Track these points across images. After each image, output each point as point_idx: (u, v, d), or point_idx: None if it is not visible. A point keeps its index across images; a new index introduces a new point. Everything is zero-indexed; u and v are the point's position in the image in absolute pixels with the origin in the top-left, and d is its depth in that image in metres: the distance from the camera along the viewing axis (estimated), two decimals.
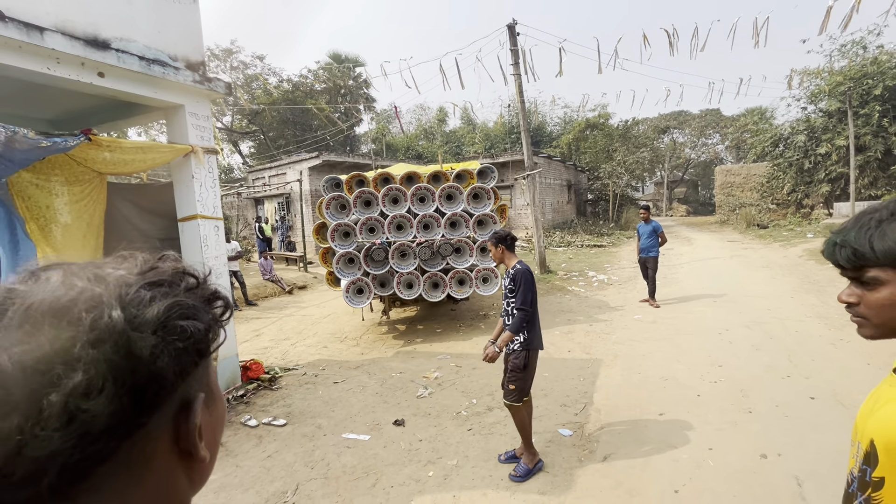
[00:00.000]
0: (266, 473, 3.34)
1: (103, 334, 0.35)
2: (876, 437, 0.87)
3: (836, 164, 19.69)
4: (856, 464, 0.94)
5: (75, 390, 0.33)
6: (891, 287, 0.84)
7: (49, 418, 0.32)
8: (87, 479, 0.35)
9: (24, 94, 4.14)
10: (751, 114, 33.54)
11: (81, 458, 0.34)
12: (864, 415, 0.98)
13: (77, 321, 0.35)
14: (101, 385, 0.34)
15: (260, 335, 7.42)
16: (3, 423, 0.31)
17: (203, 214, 4.64)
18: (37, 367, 0.33)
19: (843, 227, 0.90)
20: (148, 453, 0.40)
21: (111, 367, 0.35)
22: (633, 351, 5.50)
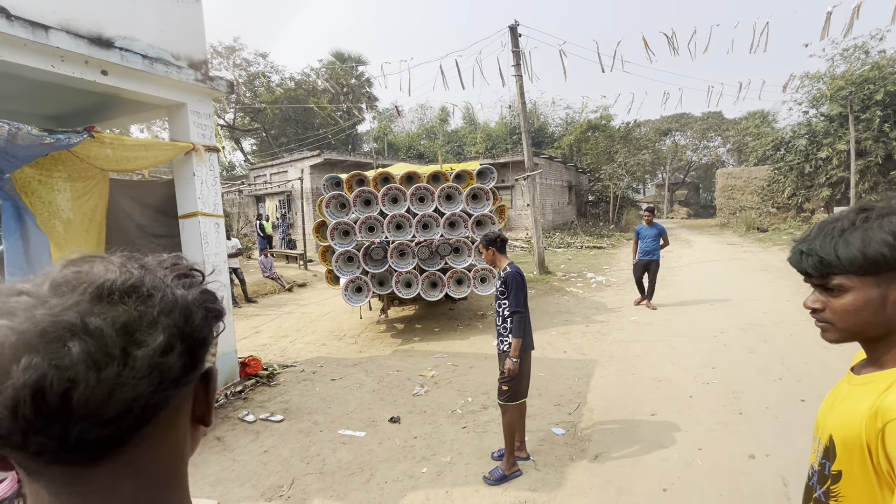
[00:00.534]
0: (263, 468, 3.39)
1: (172, 307, 0.44)
2: (834, 432, 0.91)
3: (836, 168, 19.71)
4: (816, 458, 0.99)
5: (157, 348, 0.41)
6: (854, 293, 0.86)
7: (138, 369, 0.40)
8: (146, 426, 0.43)
9: (28, 91, 4.20)
10: (752, 117, 33.56)
11: (155, 403, 0.42)
12: (824, 412, 1.02)
13: (148, 297, 0.43)
14: (174, 344, 0.43)
15: (259, 332, 7.47)
16: (103, 372, 0.38)
17: (204, 212, 4.69)
18: (127, 330, 0.41)
19: (807, 236, 0.93)
20: (179, 412, 0.48)
21: (180, 332, 0.44)
22: (629, 352, 5.55)
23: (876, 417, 0.80)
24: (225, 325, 0.54)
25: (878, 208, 0.87)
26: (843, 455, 0.89)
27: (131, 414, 0.40)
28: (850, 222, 0.88)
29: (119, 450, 0.42)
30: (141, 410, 0.41)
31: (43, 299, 0.40)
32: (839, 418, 0.91)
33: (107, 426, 0.39)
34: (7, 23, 3.12)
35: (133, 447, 0.43)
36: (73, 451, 0.39)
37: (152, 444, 0.45)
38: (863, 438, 0.83)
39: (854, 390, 0.93)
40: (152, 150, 4.35)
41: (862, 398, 0.88)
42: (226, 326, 0.55)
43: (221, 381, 4.74)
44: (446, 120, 34.78)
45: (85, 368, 0.38)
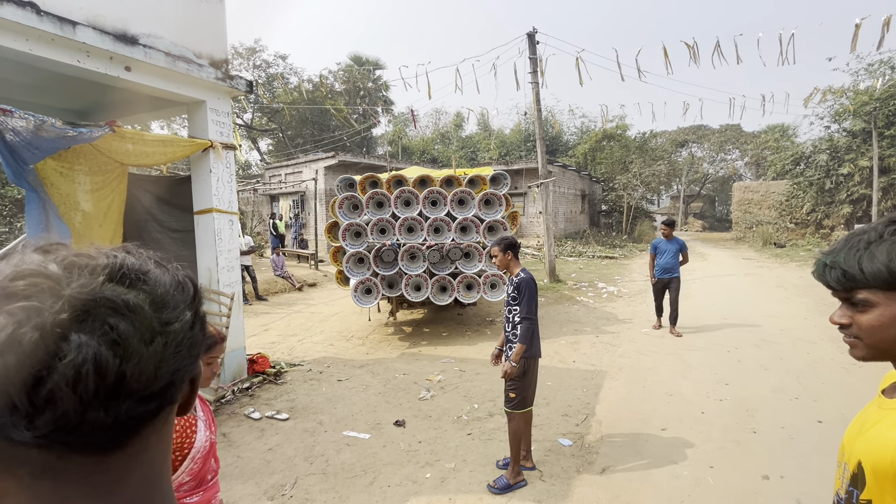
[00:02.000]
0: (266, 466, 3.38)
1: (179, 285, 0.47)
2: (864, 459, 0.87)
3: (858, 185, 19.29)
4: (842, 485, 0.94)
5: (188, 321, 0.44)
6: (881, 309, 0.83)
7: (178, 341, 0.43)
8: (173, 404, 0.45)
9: (53, 84, 4.30)
10: (772, 131, 33.07)
11: (187, 376, 0.45)
12: (851, 436, 0.97)
13: (181, 284, 0.47)
14: (195, 319, 0.46)
15: (268, 330, 7.52)
16: (150, 346, 0.40)
17: (218, 208, 4.74)
18: (159, 306, 0.42)
19: (832, 248, 0.90)
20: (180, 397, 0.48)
21: (195, 307, 0.47)
22: (639, 364, 5.45)
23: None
24: None
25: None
26: (873, 484, 0.84)
27: (174, 387, 0.42)
28: (877, 234, 0.84)
29: (140, 434, 0.42)
30: (181, 382, 0.43)
31: (61, 280, 0.39)
32: (869, 444, 0.87)
33: (153, 399, 0.41)
34: (37, 18, 3.20)
35: (148, 432, 0.43)
36: (113, 431, 0.39)
37: (160, 426, 0.45)
38: (895, 468, 0.79)
39: (886, 415, 0.89)
40: (171, 146, 4.42)
41: (894, 424, 0.84)
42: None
43: (229, 377, 4.77)
44: (461, 125, 34.88)
45: (137, 342, 0.39)
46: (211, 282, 4.76)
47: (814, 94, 13.28)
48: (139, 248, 0.50)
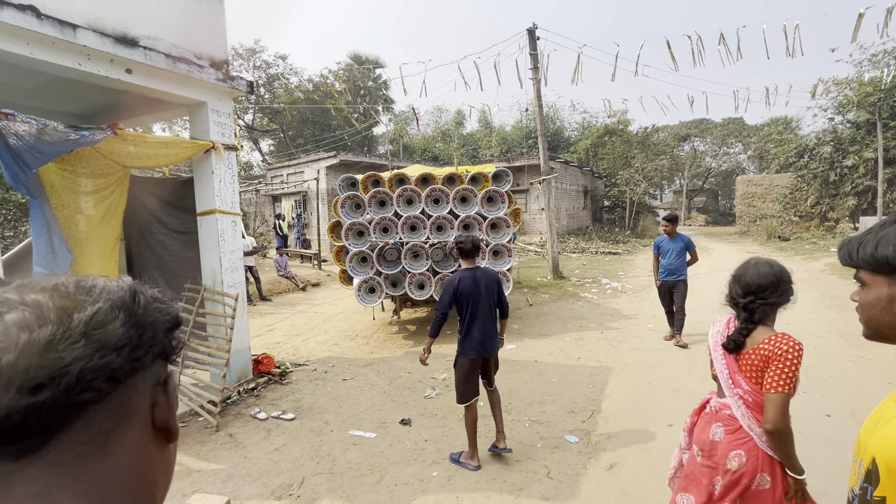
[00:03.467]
0: (273, 466, 3.39)
1: (115, 288, 0.46)
2: (878, 454, 0.86)
3: (863, 176, 19.16)
4: (857, 481, 0.93)
5: (95, 311, 0.43)
6: (869, 289, 0.91)
7: (73, 329, 0.40)
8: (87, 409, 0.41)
9: (54, 88, 4.30)
10: (775, 123, 32.87)
11: (94, 368, 0.40)
12: (867, 431, 0.96)
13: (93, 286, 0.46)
14: (116, 313, 0.44)
15: (272, 330, 7.53)
16: (34, 333, 0.39)
17: (221, 209, 4.74)
18: (66, 300, 0.42)
19: (865, 232, 0.96)
20: (133, 412, 0.45)
21: (122, 304, 0.45)
22: (645, 360, 5.43)
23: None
24: (182, 338, 0.53)
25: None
26: (886, 480, 0.83)
27: (67, 377, 0.38)
28: (892, 220, 0.91)
29: (57, 440, 0.39)
30: (78, 373, 0.39)
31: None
32: (883, 440, 0.86)
33: (39, 391, 0.37)
34: (37, 21, 3.20)
35: (74, 441, 0.40)
36: (9, 431, 0.37)
37: (100, 445, 0.42)
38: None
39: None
40: (173, 147, 4.42)
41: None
42: (182, 342, 0.53)
43: (235, 377, 4.78)
44: (462, 123, 34.81)
45: (17, 330, 0.39)
46: (215, 283, 4.77)
47: (819, 85, 13.17)
48: None
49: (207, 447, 3.68)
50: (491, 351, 3.36)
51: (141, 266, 5.63)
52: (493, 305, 3.39)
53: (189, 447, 3.69)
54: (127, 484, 0.44)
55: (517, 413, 4.13)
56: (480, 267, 3.46)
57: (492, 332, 3.37)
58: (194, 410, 4.21)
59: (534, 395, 4.47)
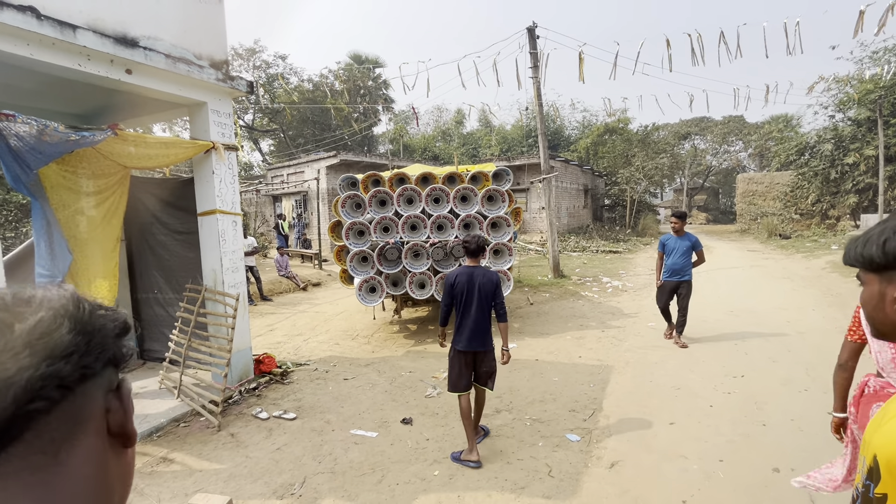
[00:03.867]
0: (275, 465, 3.39)
1: (57, 297, 0.46)
2: (879, 452, 0.86)
3: (864, 174, 19.13)
4: (860, 479, 0.93)
5: (38, 321, 0.42)
6: (866, 287, 0.94)
7: (16, 339, 0.40)
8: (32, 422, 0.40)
9: (54, 89, 4.31)
10: (776, 121, 32.83)
11: (43, 377, 0.40)
12: (871, 429, 0.96)
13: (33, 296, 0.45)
14: (60, 322, 0.43)
15: (273, 330, 7.54)
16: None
17: (222, 210, 4.75)
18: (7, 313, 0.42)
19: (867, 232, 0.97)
20: (87, 419, 0.45)
21: (66, 312, 0.44)
22: (645, 359, 5.43)
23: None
24: (132, 345, 0.53)
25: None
26: (887, 477, 0.84)
27: (14, 388, 0.38)
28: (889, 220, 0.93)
29: (8, 452, 0.39)
30: (25, 383, 0.39)
31: None
32: (883, 438, 0.86)
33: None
34: (37, 22, 3.20)
35: (26, 452, 0.40)
36: None
37: (52, 454, 0.42)
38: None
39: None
40: (173, 148, 4.42)
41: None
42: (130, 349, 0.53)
43: (236, 377, 4.78)
44: (462, 122, 34.79)
45: None
46: (216, 283, 4.77)
47: (819, 81, 13.14)
48: None
49: (209, 447, 3.68)
50: (477, 347, 3.41)
51: (142, 266, 5.64)
52: (487, 305, 3.44)
53: (191, 447, 3.69)
54: (82, 492, 0.43)
55: (518, 412, 4.14)
56: (480, 266, 3.53)
57: (482, 329, 3.43)
58: (196, 410, 4.22)
59: (535, 394, 4.48)
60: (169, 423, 4.10)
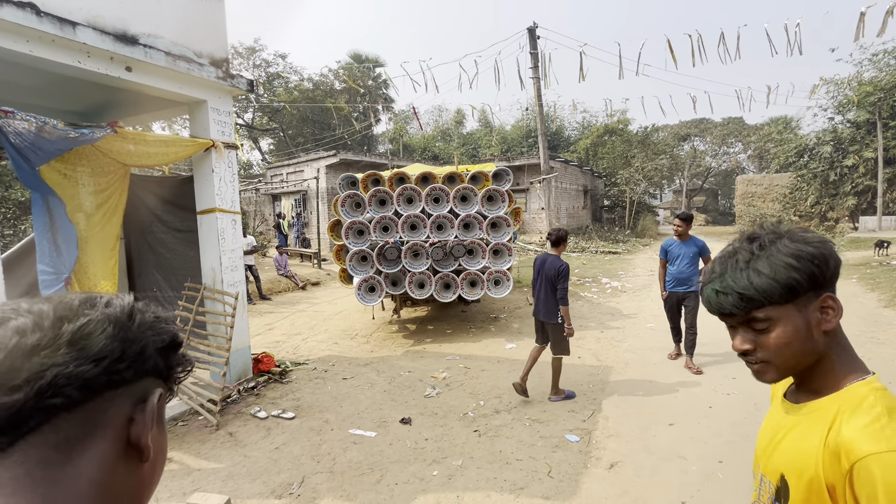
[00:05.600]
0: (273, 465, 3.38)
1: (115, 303, 0.49)
2: (786, 471, 0.84)
3: (863, 176, 19.17)
4: (766, 498, 0.91)
5: (85, 323, 0.45)
6: (783, 323, 0.81)
7: (60, 337, 0.43)
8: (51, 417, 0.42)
9: (54, 86, 4.29)
10: (775, 123, 32.87)
11: (71, 376, 0.42)
12: (764, 446, 0.95)
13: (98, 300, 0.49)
14: (105, 326, 0.45)
15: (272, 329, 7.53)
16: (25, 338, 0.42)
17: (221, 208, 4.74)
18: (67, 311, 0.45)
19: (712, 276, 0.87)
20: (103, 421, 0.45)
21: (114, 319, 0.47)
22: (645, 360, 5.43)
23: (839, 457, 0.74)
24: (186, 359, 0.55)
25: (764, 235, 0.85)
26: (797, 495, 0.81)
27: (42, 381, 0.40)
28: (749, 253, 0.84)
29: (25, 442, 0.41)
30: (51, 379, 0.41)
31: None
32: (788, 455, 0.85)
33: (14, 392, 0.40)
34: (37, 19, 3.18)
35: (41, 445, 0.41)
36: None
37: (65, 452, 0.42)
38: (821, 478, 0.77)
39: (798, 421, 0.86)
40: (173, 146, 4.41)
41: (809, 431, 0.82)
42: (191, 364, 0.56)
43: (235, 376, 4.77)
44: (462, 122, 34.79)
45: (11, 334, 0.42)
46: (215, 282, 4.76)
47: (820, 84, 13.17)
48: None
49: (207, 446, 3.67)
50: (542, 317, 4.34)
51: (141, 265, 5.62)
52: (550, 286, 4.22)
53: (189, 446, 3.68)
54: (86, 496, 0.43)
55: (517, 412, 4.13)
56: (552, 255, 4.31)
57: (546, 302, 4.27)
58: (194, 409, 4.21)
59: (534, 394, 4.47)
60: (167, 421, 4.09)
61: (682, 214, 5.20)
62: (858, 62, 19.92)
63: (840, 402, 0.81)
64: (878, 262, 11.50)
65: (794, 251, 0.81)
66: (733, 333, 0.87)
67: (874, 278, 9.66)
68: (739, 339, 0.86)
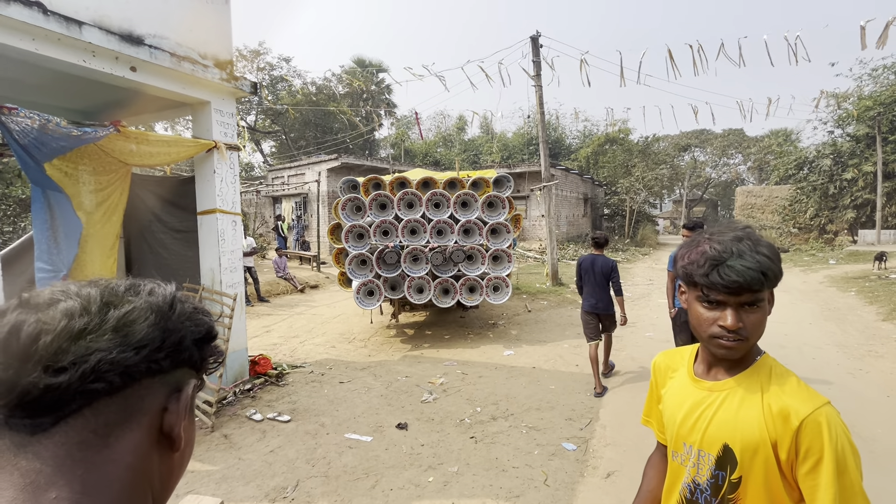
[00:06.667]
0: (268, 468, 3.36)
1: (158, 291, 0.50)
2: (729, 440, 0.95)
3: (862, 190, 19.25)
4: (705, 471, 1.00)
5: (130, 310, 0.45)
6: (764, 307, 0.95)
7: (106, 323, 0.44)
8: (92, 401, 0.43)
9: (58, 84, 4.31)
10: (775, 135, 33.03)
11: (112, 362, 0.43)
12: (683, 422, 1.04)
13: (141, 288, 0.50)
14: (147, 315, 0.46)
15: (270, 331, 7.50)
16: (73, 321, 0.42)
17: (222, 209, 4.74)
18: (112, 296, 0.46)
19: (725, 254, 0.93)
20: (140, 408, 0.46)
21: (156, 308, 0.47)
22: (643, 368, 5.41)
23: (787, 418, 0.90)
24: (218, 350, 0.56)
25: (743, 229, 0.98)
26: (745, 460, 0.93)
27: (86, 365, 0.41)
28: (750, 242, 0.93)
29: (67, 423, 0.42)
30: (95, 363, 0.42)
31: None
32: (730, 425, 0.96)
33: (60, 373, 0.41)
34: (43, 17, 3.20)
35: (81, 428, 0.43)
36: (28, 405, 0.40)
37: (103, 436, 0.44)
38: (766, 439, 0.91)
39: (726, 395, 0.98)
40: (175, 146, 4.42)
41: (743, 401, 0.96)
42: (222, 356, 0.57)
43: (231, 378, 4.75)
44: (463, 128, 34.94)
45: (61, 316, 0.42)
46: (213, 282, 4.75)
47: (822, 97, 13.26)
48: None
49: (202, 448, 3.64)
50: (599, 310, 4.81)
51: (140, 264, 5.61)
52: (603, 281, 4.79)
53: None
54: (121, 479, 0.44)
55: (515, 419, 4.11)
56: (601, 255, 4.88)
57: (601, 297, 4.81)
58: None
59: (531, 402, 4.45)
60: None
61: (691, 223, 4.56)
62: (858, 77, 20.08)
63: (758, 375, 0.98)
64: (876, 276, 11.51)
65: (772, 246, 0.94)
66: (725, 313, 0.94)
67: (873, 291, 9.66)
68: (735, 317, 0.93)
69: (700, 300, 0.97)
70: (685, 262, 0.98)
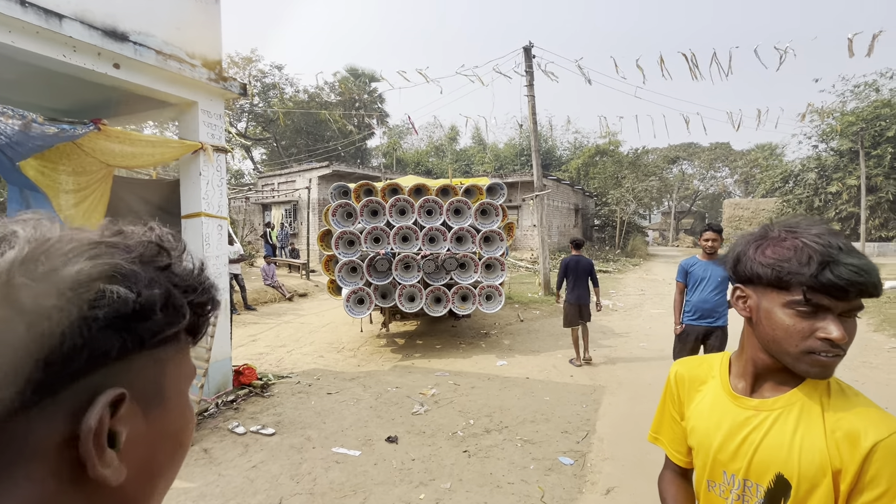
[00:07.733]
0: (249, 485, 3.17)
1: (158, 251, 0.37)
2: (784, 469, 0.83)
3: (846, 203, 19.63)
4: (750, 502, 0.88)
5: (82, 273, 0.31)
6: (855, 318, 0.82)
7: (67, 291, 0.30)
8: None
9: (38, 81, 4.14)
10: (761, 149, 33.71)
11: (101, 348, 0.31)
12: (728, 448, 0.90)
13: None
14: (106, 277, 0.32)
15: (256, 340, 7.28)
16: None
17: (207, 212, 4.58)
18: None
19: (833, 251, 0.79)
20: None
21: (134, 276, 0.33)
22: (639, 379, 5.32)
23: (856, 442, 0.77)
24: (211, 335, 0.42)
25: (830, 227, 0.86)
26: (801, 492, 0.81)
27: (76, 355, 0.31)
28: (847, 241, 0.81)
29: None
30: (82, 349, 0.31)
31: None
32: (785, 454, 0.82)
33: None
34: (20, 8, 3.06)
35: None
36: None
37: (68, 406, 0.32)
38: (828, 468, 0.79)
39: (775, 416, 0.85)
40: (160, 147, 4.27)
41: (799, 425, 0.83)
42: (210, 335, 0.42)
43: (213, 389, 4.55)
44: (455, 138, 35.08)
45: None
46: None
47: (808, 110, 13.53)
48: None
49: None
50: (582, 300, 5.76)
51: None
52: (585, 276, 5.82)
53: None
54: None
55: (509, 432, 3.97)
56: (582, 255, 5.95)
57: (583, 290, 5.80)
58: None
59: (526, 413, 4.32)
60: None
61: (715, 225, 4.01)
62: (841, 93, 20.60)
63: (815, 391, 0.84)
64: None
65: None
66: (826, 323, 0.78)
67: None
68: (842, 328, 0.79)
69: (792, 306, 0.79)
70: (772, 260, 0.80)
